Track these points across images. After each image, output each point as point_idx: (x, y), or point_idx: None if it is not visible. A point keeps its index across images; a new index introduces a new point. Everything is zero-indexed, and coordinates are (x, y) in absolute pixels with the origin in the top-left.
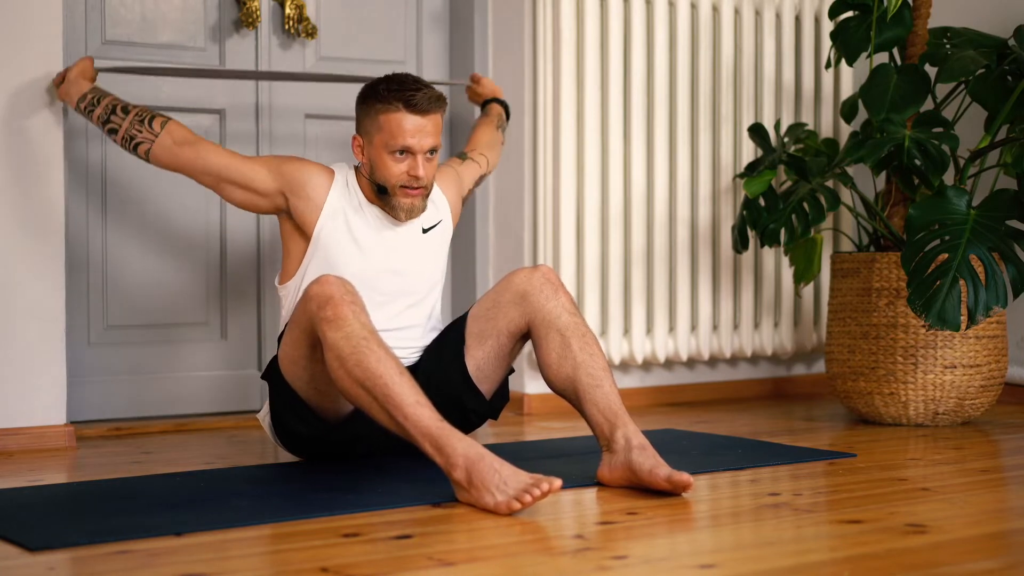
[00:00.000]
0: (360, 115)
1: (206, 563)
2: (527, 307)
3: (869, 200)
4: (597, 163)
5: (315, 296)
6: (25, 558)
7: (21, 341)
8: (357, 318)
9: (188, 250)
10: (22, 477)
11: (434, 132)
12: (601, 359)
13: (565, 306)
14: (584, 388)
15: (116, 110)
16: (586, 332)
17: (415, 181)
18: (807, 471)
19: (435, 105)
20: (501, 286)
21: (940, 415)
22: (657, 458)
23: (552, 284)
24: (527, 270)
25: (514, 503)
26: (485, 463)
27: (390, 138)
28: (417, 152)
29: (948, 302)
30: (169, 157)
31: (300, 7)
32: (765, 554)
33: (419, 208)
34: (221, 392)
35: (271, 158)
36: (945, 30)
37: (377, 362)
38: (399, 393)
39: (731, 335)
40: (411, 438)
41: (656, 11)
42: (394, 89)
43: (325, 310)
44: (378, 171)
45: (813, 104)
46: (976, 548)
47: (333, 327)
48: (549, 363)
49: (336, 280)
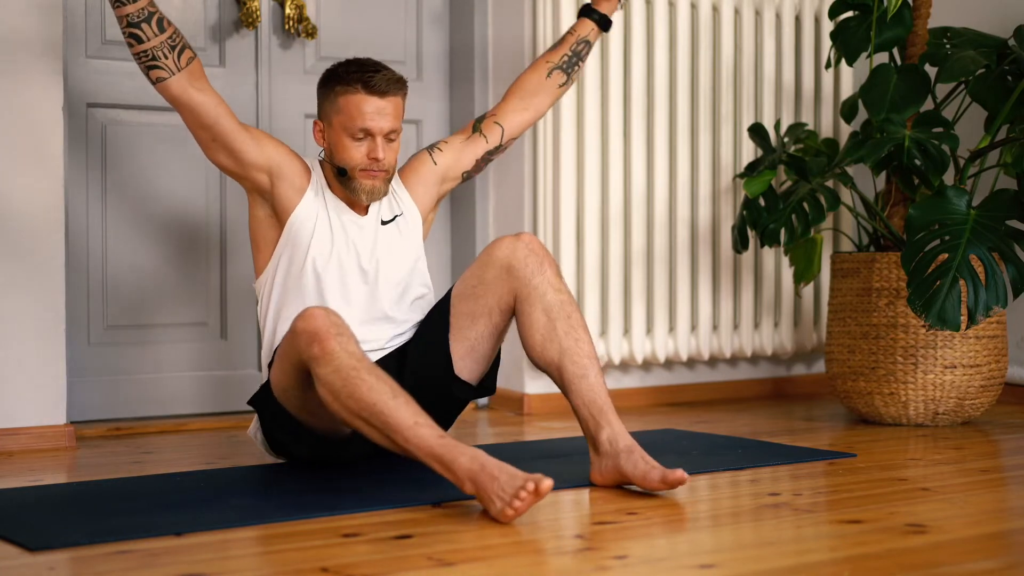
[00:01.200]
0: (320, 99)
1: (206, 563)
2: (512, 280)
3: (869, 200)
4: (597, 163)
5: (301, 333)
6: (25, 558)
7: (21, 341)
8: (344, 349)
9: (188, 250)
10: (22, 477)
11: (394, 114)
12: (587, 344)
13: (551, 281)
14: (569, 378)
15: (152, 20)
16: (572, 312)
17: (374, 164)
18: (807, 471)
19: (394, 87)
20: (484, 259)
21: (940, 415)
22: (647, 459)
23: (536, 255)
24: (509, 239)
25: (507, 510)
26: (485, 473)
27: (349, 120)
28: (376, 134)
29: (948, 302)
30: (180, 95)
31: (300, 7)
32: (765, 554)
33: (380, 191)
34: (221, 392)
35: (264, 134)
36: (945, 30)
37: (369, 391)
38: (396, 418)
39: (731, 335)
40: (416, 458)
41: (656, 11)
42: (353, 71)
43: (312, 348)
44: (338, 154)
45: (813, 104)
46: (976, 548)
47: (322, 364)
48: (533, 344)
49: (320, 313)
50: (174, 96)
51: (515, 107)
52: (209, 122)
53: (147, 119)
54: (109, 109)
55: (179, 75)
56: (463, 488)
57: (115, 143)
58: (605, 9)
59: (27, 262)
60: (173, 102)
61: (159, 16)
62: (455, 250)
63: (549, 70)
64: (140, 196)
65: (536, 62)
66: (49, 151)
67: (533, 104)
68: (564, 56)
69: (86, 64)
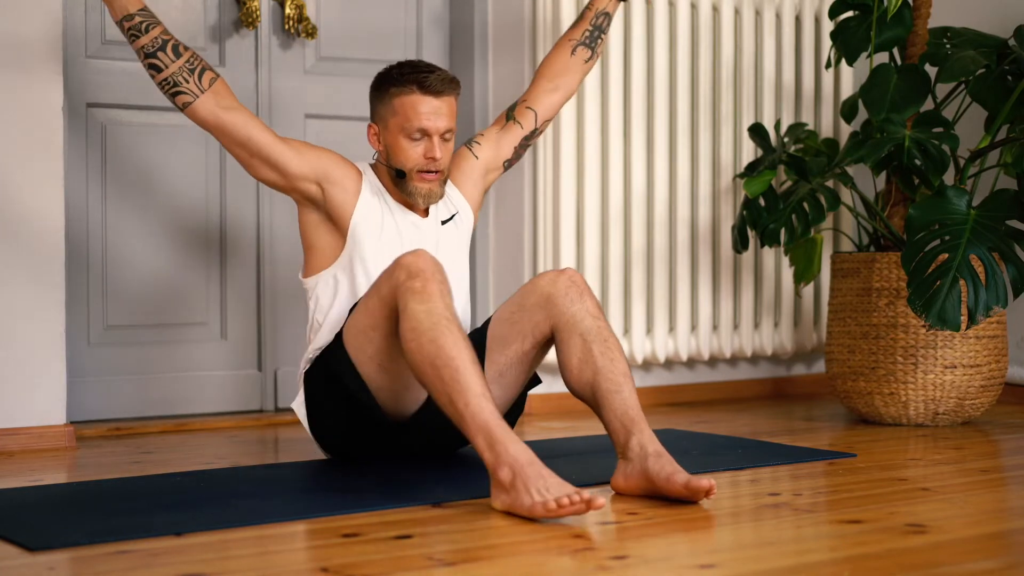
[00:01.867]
0: (374, 102)
1: (206, 563)
2: (552, 310)
3: (869, 200)
4: (597, 163)
5: (407, 265)
6: (25, 558)
7: (21, 341)
8: (443, 298)
9: (188, 250)
10: (22, 477)
11: (449, 114)
12: (622, 364)
13: (590, 310)
14: (603, 394)
15: (167, 47)
16: (608, 336)
17: (432, 164)
18: (807, 471)
19: (449, 87)
20: (526, 289)
21: (940, 415)
22: (674, 464)
23: (577, 287)
24: (552, 273)
25: (551, 503)
26: (534, 468)
27: (405, 121)
28: (433, 134)
29: (948, 302)
30: (209, 118)
31: (300, 7)
32: (765, 554)
33: (437, 194)
34: (221, 392)
35: (307, 144)
36: (945, 30)
37: (453, 344)
38: (467, 380)
39: (731, 335)
40: (465, 427)
41: (656, 11)
42: (407, 72)
43: (414, 280)
44: (395, 156)
45: (813, 104)
46: (976, 548)
47: (418, 298)
48: (570, 368)
49: (430, 256)
50: (203, 119)
51: (544, 88)
52: (243, 139)
53: (147, 119)
54: (109, 109)
55: (204, 97)
56: (496, 473)
57: (115, 143)
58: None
59: (27, 262)
60: (204, 125)
61: (174, 43)
62: None
63: (573, 47)
64: (140, 196)
65: (559, 42)
66: (49, 151)
67: (563, 84)
68: (586, 32)
69: (86, 64)
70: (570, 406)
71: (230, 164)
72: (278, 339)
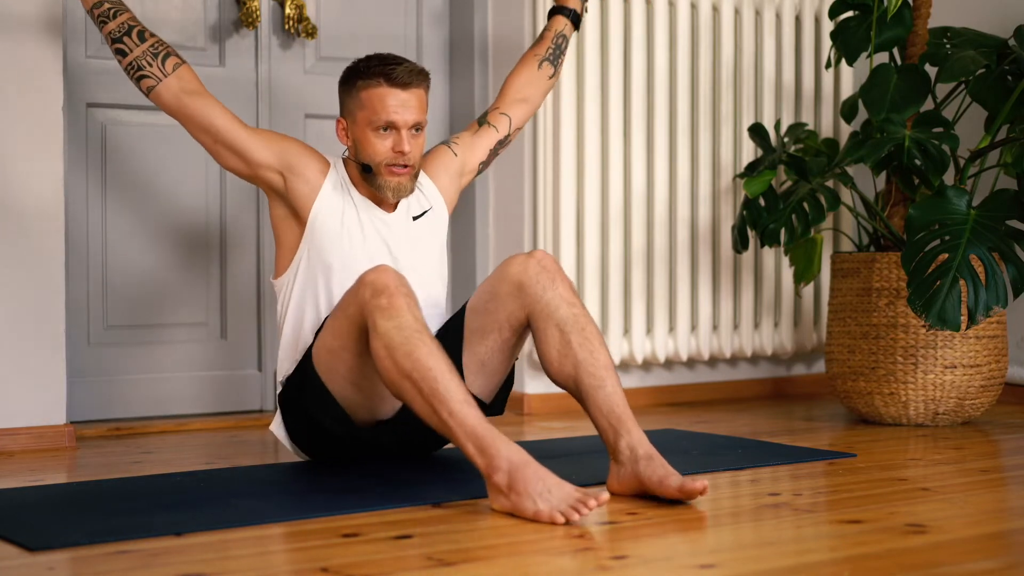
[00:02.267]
0: (342, 95)
1: (206, 563)
2: (524, 299)
3: (869, 200)
4: (597, 163)
5: (370, 283)
6: (25, 558)
7: (21, 341)
8: (411, 311)
9: (188, 250)
10: (22, 477)
11: (418, 107)
12: (602, 354)
13: (564, 296)
14: (586, 389)
15: (132, 33)
16: (586, 325)
17: (400, 158)
18: (807, 471)
19: (417, 79)
20: (497, 275)
21: (940, 415)
22: (666, 467)
23: (548, 272)
24: (522, 257)
25: (558, 516)
26: (530, 469)
27: (372, 114)
28: (401, 127)
29: (948, 302)
30: (172, 101)
31: (300, 7)
32: (765, 554)
33: (407, 188)
34: (221, 392)
35: (273, 133)
36: (945, 30)
37: (428, 355)
38: (447, 389)
39: (731, 335)
40: (453, 436)
41: (656, 11)
42: (374, 64)
43: (379, 298)
44: (363, 150)
45: (813, 104)
46: (976, 548)
47: (386, 316)
48: (550, 360)
49: (392, 270)
50: (166, 103)
51: (514, 98)
52: (206, 124)
53: (147, 119)
54: (109, 109)
55: (167, 81)
56: (491, 477)
57: (115, 143)
58: (572, 4)
59: (27, 262)
60: (167, 110)
61: (139, 28)
62: (455, 250)
63: (539, 62)
64: (140, 196)
65: (525, 56)
66: (49, 151)
67: (530, 96)
68: (549, 48)
69: (86, 64)
70: (570, 406)
71: None
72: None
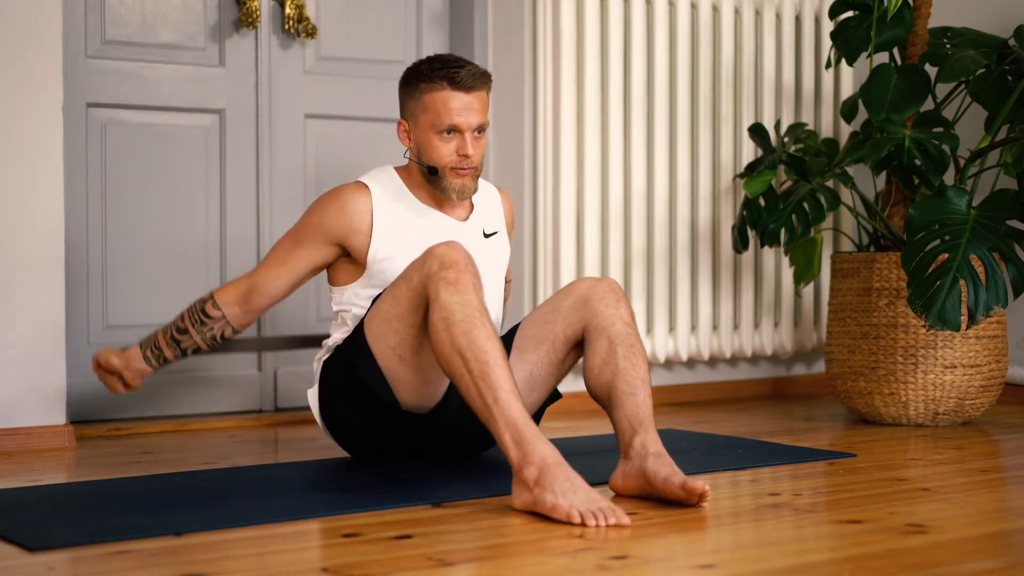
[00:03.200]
0: (404, 98)
1: (206, 563)
2: (586, 312)
3: (869, 200)
4: (597, 163)
5: (440, 256)
6: (25, 558)
7: (21, 341)
8: (476, 291)
9: (188, 250)
10: (22, 477)
11: (481, 109)
12: (643, 370)
13: (623, 316)
14: (618, 395)
15: (174, 335)
16: (635, 343)
17: (465, 161)
18: (807, 471)
19: (480, 81)
20: (563, 292)
21: (940, 415)
22: (673, 466)
23: (615, 294)
24: (592, 279)
25: (575, 514)
26: (562, 469)
27: (436, 118)
28: (465, 130)
29: (948, 302)
30: (250, 316)
31: (300, 7)
32: (765, 554)
33: (470, 189)
34: (221, 392)
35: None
36: (945, 30)
37: (486, 338)
38: (498, 376)
39: (731, 335)
40: (492, 423)
41: (656, 11)
42: (437, 68)
43: (448, 271)
44: (426, 153)
45: (813, 104)
46: (976, 548)
47: (451, 289)
48: (592, 367)
49: (463, 248)
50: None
51: None
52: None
53: (147, 119)
54: (109, 109)
55: (227, 315)
56: (521, 470)
57: (115, 143)
58: None
59: (27, 262)
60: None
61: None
62: None
63: None
64: (140, 196)
65: None
66: (49, 151)
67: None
68: None
69: (86, 64)
70: (571, 406)
71: (230, 164)
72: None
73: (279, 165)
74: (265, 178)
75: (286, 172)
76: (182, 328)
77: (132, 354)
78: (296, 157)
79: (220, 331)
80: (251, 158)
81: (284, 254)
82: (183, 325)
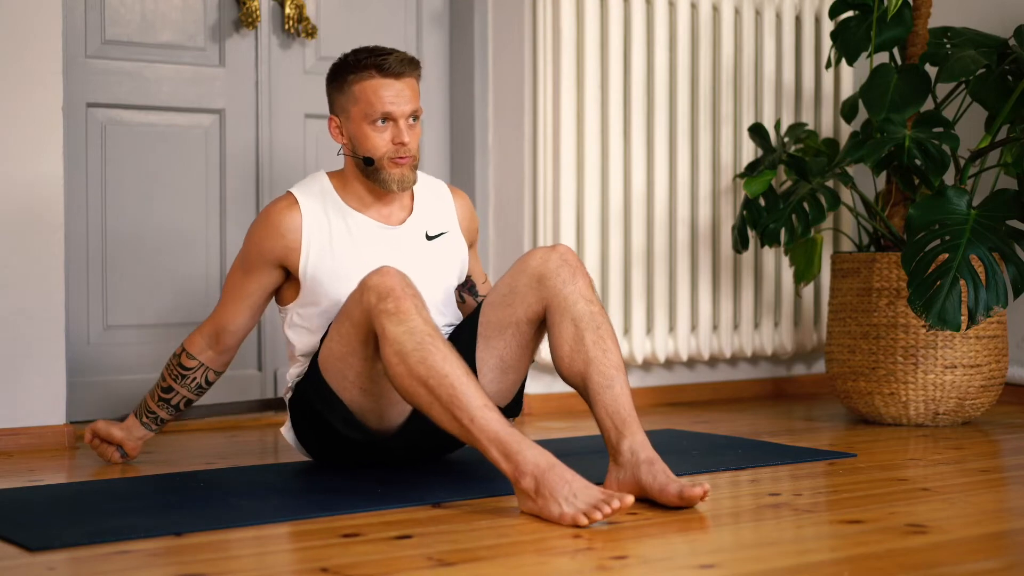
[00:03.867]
0: (332, 94)
1: (206, 563)
2: (543, 291)
3: (869, 200)
4: (597, 163)
5: (374, 287)
6: (25, 558)
7: (21, 341)
8: (419, 313)
9: (188, 250)
10: (22, 477)
11: (412, 96)
12: (615, 355)
13: (582, 292)
14: (594, 388)
15: (160, 395)
16: (601, 323)
17: (402, 149)
18: (807, 471)
19: (409, 67)
20: (517, 268)
21: (940, 415)
22: (667, 473)
23: (570, 266)
24: (543, 250)
25: (581, 517)
26: (555, 473)
27: (368, 107)
28: (399, 117)
29: (948, 302)
30: (226, 355)
31: (300, 7)
32: (765, 554)
33: (410, 179)
34: (221, 392)
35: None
36: (945, 30)
37: (443, 360)
38: (466, 395)
39: (731, 335)
40: (476, 442)
41: (656, 11)
42: (364, 57)
43: (386, 302)
44: (361, 145)
45: (813, 104)
46: (976, 548)
47: (394, 320)
48: (561, 355)
49: (395, 271)
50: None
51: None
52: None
53: (147, 119)
54: (109, 109)
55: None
56: (518, 482)
57: (115, 143)
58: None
59: (27, 261)
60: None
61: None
62: None
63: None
64: (140, 196)
65: None
66: (49, 151)
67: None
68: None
69: (86, 64)
70: (570, 406)
71: (230, 164)
72: (278, 339)
73: (279, 165)
74: (265, 178)
75: (286, 172)
76: (166, 387)
77: (131, 424)
78: (296, 157)
79: (203, 377)
80: (251, 158)
81: (237, 289)
82: (166, 384)
